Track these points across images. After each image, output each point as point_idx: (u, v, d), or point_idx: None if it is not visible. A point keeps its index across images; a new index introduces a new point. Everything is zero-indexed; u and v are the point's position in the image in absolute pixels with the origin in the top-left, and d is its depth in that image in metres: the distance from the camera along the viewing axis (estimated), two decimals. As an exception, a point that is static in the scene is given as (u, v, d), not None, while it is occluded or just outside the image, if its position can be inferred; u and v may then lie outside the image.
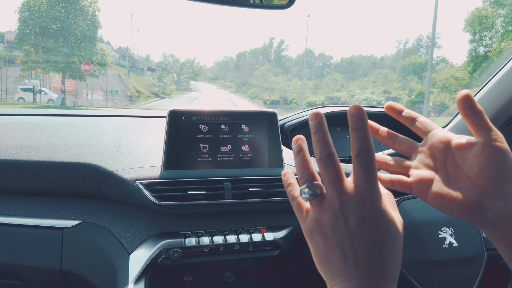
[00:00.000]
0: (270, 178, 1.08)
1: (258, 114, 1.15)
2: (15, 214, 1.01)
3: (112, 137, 1.17)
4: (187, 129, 1.08)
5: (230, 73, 72.56)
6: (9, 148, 1.06)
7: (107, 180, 1.02)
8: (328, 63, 71.42)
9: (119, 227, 1.02)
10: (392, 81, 37.73)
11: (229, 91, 64.27)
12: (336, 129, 1.41)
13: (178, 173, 1.03)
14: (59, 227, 1.01)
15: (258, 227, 1.08)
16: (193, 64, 66.02)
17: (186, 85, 56.80)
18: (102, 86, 33.65)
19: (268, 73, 55.37)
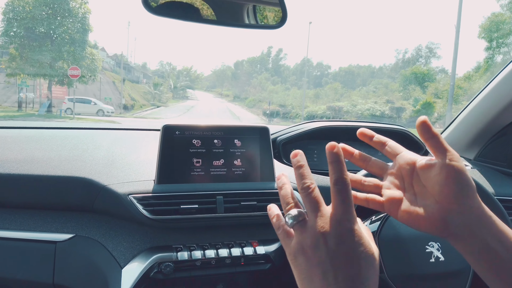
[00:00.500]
0: (262, 192, 1.11)
1: (251, 129, 1.18)
2: (8, 227, 1.02)
3: (106, 151, 1.18)
4: (180, 144, 1.10)
5: (227, 81, 71.93)
6: (4, 162, 1.06)
7: (101, 194, 1.04)
8: (326, 73, 70.67)
9: (112, 240, 1.03)
10: (393, 91, 37.15)
11: (226, 99, 64.17)
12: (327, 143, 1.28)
13: (171, 187, 1.06)
14: (52, 241, 1.01)
15: (250, 241, 1.09)
16: (190, 72, 65.04)
17: (182, 93, 56.13)
18: (96, 93, 32.86)
19: (266, 81, 54.62)
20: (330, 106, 29.59)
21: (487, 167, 1.53)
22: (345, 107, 28.86)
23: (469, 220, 0.47)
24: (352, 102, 30.56)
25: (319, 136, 1.45)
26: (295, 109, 36.38)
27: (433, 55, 52.10)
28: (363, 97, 35.52)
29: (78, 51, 20.46)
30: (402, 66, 50.93)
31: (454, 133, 1.62)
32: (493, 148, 1.54)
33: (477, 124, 1.46)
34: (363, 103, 29.49)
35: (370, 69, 64.83)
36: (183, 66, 74.14)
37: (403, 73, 38.02)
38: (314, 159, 1.46)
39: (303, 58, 71.84)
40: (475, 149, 1.56)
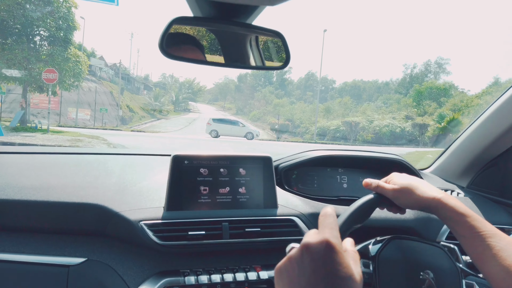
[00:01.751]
0: (265, 219, 1.17)
1: (254, 159, 1.25)
2: (23, 251, 1.07)
3: (117, 178, 1.25)
4: (188, 173, 1.17)
5: (230, 94, 70.38)
6: (21, 189, 1.13)
7: (113, 220, 1.09)
8: (331, 87, 67.91)
9: (123, 265, 1.08)
10: (406, 106, 35.67)
11: (229, 113, 63.40)
12: (327, 170, 1.50)
13: (180, 214, 1.12)
14: (65, 265, 1.06)
15: (253, 266, 1.14)
16: (193, 84, 63.20)
17: (184, 105, 54.71)
18: (91, 104, 31.03)
19: (270, 95, 52.60)
20: (345, 121, 26.70)
21: (479, 195, 1.54)
22: (361, 123, 25.96)
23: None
24: (367, 117, 27.58)
25: (319, 163, 1.48)
26: (304, 123, 33.49)
27: (443, 71, 49.89)
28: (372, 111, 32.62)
29: (58, 52, 17.09)
30: (410, 81, 49.90)
31: (448, 160, 1.66)
32: (485, 176, 1.56)
33: (470, 153, 1.55)
34: (380, 118, 26.65)
35: (377, 84, 62.44)
36: (186, 78, 72.18)
37: (417, 88, 35.67)
38: (314, 185, 1.48)
39: (308, 72, 70.56)
40: (468, 177, 1.60)
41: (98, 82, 34.06)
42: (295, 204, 1.27)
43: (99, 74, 36.10)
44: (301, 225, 1.20)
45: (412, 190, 0.85)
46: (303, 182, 1.47)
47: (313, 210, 1.26)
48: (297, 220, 1.21)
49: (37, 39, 17.97)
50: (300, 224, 1.20)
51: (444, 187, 1.58)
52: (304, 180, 1.47)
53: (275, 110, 45.27)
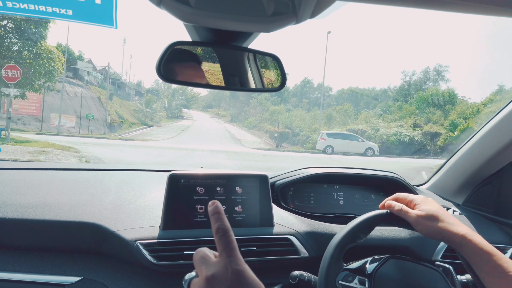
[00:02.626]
0: (261, 237, 1.19)
1: (251, 177, 1.27)
2: (18, 270, 1.08)
3: (114, 195, 1.26)
4: (185, 191, 1.19)
5: (224, 101, 68.32)
6: (17, 207, 1.14)
7: (109, 239, 1.10)
8: (327, 95, 66.47)
9: (118, 284, 1.09)
10: (410, 114, 34.06)
11: (223, 120, 62.69)
12: (323, 186, 1.52)
13: (176, 233, 1.13)
14: (60, 284, 1.07)
15: None
16: (186, 90, 60.19)
17: (177, 112, 53.10)
18: (76, 109, 29.17)
19: (266, 102, 50.46)
20: (351, 129, 24.76)
21: (474, 213, 1.57)
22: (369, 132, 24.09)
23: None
24: (372, 125, 25.77)
25: (316, 180, 1.50)
26: (304, 131, 31.50)
27: (442, 78, 48.88)
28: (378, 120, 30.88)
29: (26, 46, 14.77)
30: (409, 88, 49.21)
31: (445, 177, 1.69)
32: (480, 194, 1.59)
33: (466, 170, 1.57)
34: (386, 126, 24.75)
35: (374, 91, 60.79)
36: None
37: (420, 95, 33.81)
38: (311, 201, 1.50)
39: (304, 79, 69.45)
40: (463, 194, 1.64)
41: (86, 86, 32.01)
42: (291, 223, 1.28)
43: (87, 78, 33.92)
44: (297, 244, 1.21)
45: (438, 219, 0.85)
46: (300, 199, 1.48)
47: (309, 229, 1.26)
48: (293, 239, 1.21)
49: (1, 31, 15.41)
50: (296, 243, 1.21)
51: (440, 204, 1.51)
52: (301, 197, 1.48)
53: (272, 117, 43.77)
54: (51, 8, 2.46)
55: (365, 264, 0.96)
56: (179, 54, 0.96)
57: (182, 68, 0.99)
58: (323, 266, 0.90)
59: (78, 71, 34.24)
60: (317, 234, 1.27)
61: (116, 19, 2.45)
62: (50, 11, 2.48)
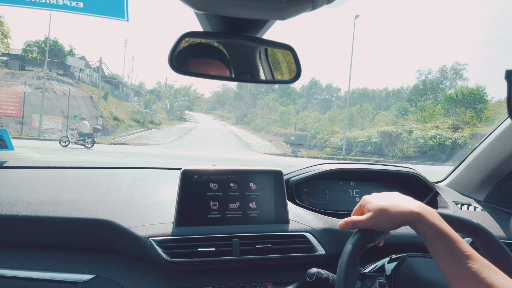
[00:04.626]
0: (276, 235, 1.19)
1: (265, 173, 1.27)
2: (31, 267, 1.11)
3: (126, 192, 1.28)
4: (198, 188, 1.19)
5: (229, 103, 65.32)
6: (30, 204, 1.16)
7: (122, 236, 1.12)
8: (336, 95, 62.64)
9: (131, 282, 1.11)
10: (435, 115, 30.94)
11: (228, 122, 61.01)
12: (339, 183, 1.53)
13: (189, 229, 1.14)
14: (73, 281, 1.08)
15: (264, 283, 1.16)
16: (189, 91, 56.85)
17: (180, 114, 50.53)
18: (64, 109, 25.75)
19: (274, 103, 47.20)
20: (382, 131, 21.07)
21: (496, 210, 1.56)
22: (403, 134, 20.29)
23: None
24: (403, 126, 22.07)
25: (330, 177, 1.51)
26: (320, 134, 27.65)
27: (459, 77, 44.97)
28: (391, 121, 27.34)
29: None
30: (424, 88, 46.23)
31: (464, 173, 1.68)
32: (502, 190, 1.57)
33: (487, 166, 1.54)
34: (420, 128, 20.96)
35: (386, 91, 57.40)
36: (182, 84, 66.84)
37: (445, 93, 30.38)
38: (326, 199, 1.50)
39: (311, 80, 66.51)
40: (485, 190, 1.62)
41: (76, 85, 28.54)
42: (307, 220, 1.27)
43: (79, 76, 30.17)
44: (313, 241, 1.20)
45: (387, 210, 0.84)
46: (315, 196, 1.48)
47: (326, 226, 1.26)
48: (309, 236, 1.21)
49: None
50: (312, 240, 1.20)
51: (460, 200, 1.56)
52: (316, 194, 1.48)
53: (281, 119, 40.72)
54: (62, 1, 2.25)
55: (383, 266, 0.97)
56: (191, 45, 0.97)
57: (194, 59, 0.99)
58: (339, 274, 0.87)
59: (69, 68, 30.66)
60: (334, 231, 1.25)
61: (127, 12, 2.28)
62: (61, 3, 2.25)
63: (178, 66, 0.90)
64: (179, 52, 0.90)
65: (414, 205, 0.82)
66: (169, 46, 0.87)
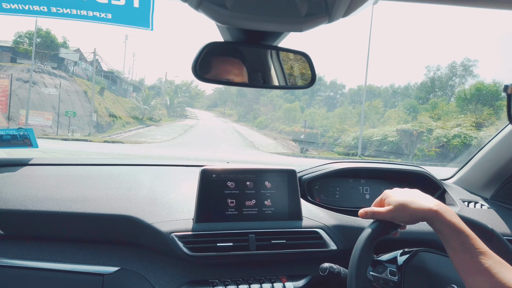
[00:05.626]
0: (290, 231, 1.25)
1: (280, 172, 1.33)
2: (60, 260, 1.18)
3: (147, 190, 1.35)
4: (216, 186, 1.26)
5: (231, 100, 63.89)
6: (59, 201, 1.23)
7: (145, 231, 1.19)
8: (341, 92, 60.93)
9: (154, 274, 1.17)
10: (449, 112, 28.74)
11: (230, 119, 59.53)
12: (349, 181, 1.57)
13: (208, 225, 1.21)
14: (100, 273, 1.15)
15: (279, 277, 1.22)
16: (190, 87, 55.09)
17: (180, 111, 49.18)
18: (55, 104, 23.82)
19: (278, 99, 45.18)
20: (402, 129, 19.38)
21: (503, 208, 1.61)
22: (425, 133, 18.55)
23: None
24: (421, 124, 20.37)
25: (341, 174, 1.56)
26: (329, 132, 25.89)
27: (469, 74, 42.83)
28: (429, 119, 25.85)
29: None
30: (432, 85, 44.60)
31: (472, 171, 1.73)
32: (510, 188, 1.60)
33: (495, 164, 1.57)
34: (441, 126, 19.17)
35: (393, 88, 55.40)
36: (182, 80, 64.62)
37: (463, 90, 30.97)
38: (336, 196, 1.56)
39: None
40: (491, 188, 1.68)
41: (70, 78, 26.64)
42: (319, 216, 1.33)
43: (73, 69, 28.29)
44: (325, 237, 1.26)
45: (407, 205, 0.88)
46: (326, 193, 1.54)
47: (337, 222, 1.33)
48: (321, 232, 1.27)
49: None
50: (324, 236, 1.26)
51: (467, 198, 1.62)
52: (327, 191, 1.54)
53: (286, 116, 39.36)
54: (92, 13, 2.34)
55: (395, 257, 1.01)
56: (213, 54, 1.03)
57: (215, 68, 1.05)
58: (354, 257, 0.94)
59: (63, 61, 28.80)
60: (345, 227, 1.31)
61: (153, 22, 2.39)
62: (91, 15, 2.34)
63: (201, 74, 0.98)
64: (202, 61, 0.96)
65: (432, 203, 0.87)
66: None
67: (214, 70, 1.03)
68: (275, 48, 1.02)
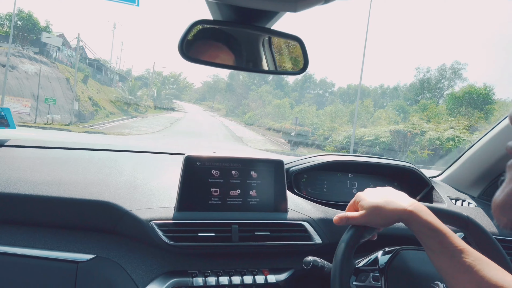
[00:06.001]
0: (275, 222, 1.23)
1: (267, 162, 1.30)
2: (33, 245, 1.14)
3: (128, 176, 1.30)
4: (200, 174, 1.22)
5: (220, 94, 62.80)
6: (33, 183, 1.18)
7: (123, 218, 1.15)
8: (330, 91, 60.77)
9: (131, 263, 1.14)
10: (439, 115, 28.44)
11: (218, 114, 59.60)
12: (337, 174, 1.55)
13: (190, 214, 1.17)
14: (74, 261, 1.11)
15: (261, 269, 1.21)
16: (179, 79, 53.93)
17: (167, 103, 47.90)
18: (34, 91, 22.65)
19: (268, 95, 44.52)
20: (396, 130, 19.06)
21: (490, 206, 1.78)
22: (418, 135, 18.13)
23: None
24: (414, 125, 20.01)
25: (329, 168, 1.54)
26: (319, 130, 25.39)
27: (458, 77, 43.07)
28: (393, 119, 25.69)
29: None
30: (421, 87, 44.79)
31: (460, 169, 1.74)
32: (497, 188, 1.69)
33: (483, 163, 1.58)
34: (433, 129, 18.79)
35: (382, 89, 55.60)
36: (171, 71, 63.41)
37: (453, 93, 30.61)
38: (324, 189, 1.54)
39: (305, 74, 61.49)
40: (479, 187, 1.69)
41: (52, 64, 25.28)
42: (305, 209, 1.31)
43: (55, 55, 26.95)
44: (310, 230, 1.24)
45: (380, 207, 0.85)
46: (313, 186, 1.51)
47: (323, 216, 1.31)
48: (307, 225, 1.24)
49: None
50: (309, 229, 1.24)
51: (455, 196, 1.62)
52: (314, 184, 1.51)
53: (276, 112, 38.82)
54: None
55: (376, 259, 0.99)
56: (201, 31, 0.98)
57: (203, 47, 0.99)
58: (335, 270, 0.91)
59: (46, 46, 27.41)
60: (331, 221, 1.26)
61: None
62: None
63: (187, 53, 0.92)
64: (189, 39, 0.91)
65: (407, 202, 0.84)
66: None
67: (202, 49, 0.97)
68: (267, 30, 0.95)
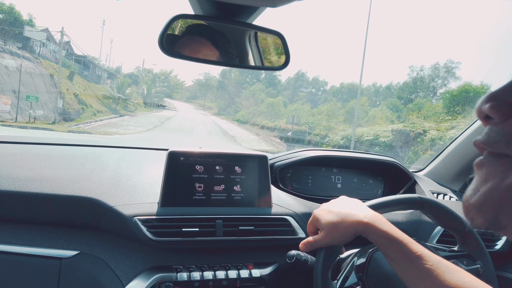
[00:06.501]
0: (259, 217, 1.24)
1: (251, 157, 1.31)
2: (15, 242, 1.14)
3: (112, 171, 1.30)
4: (184, 169, 1.22)
5: (211, 92, 61.62)
6: (15, 180, 1.17)
7: (107, 214, 1.15)
8: (322, 89, 60.18)
9: (115, 259, 1.14)
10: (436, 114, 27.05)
11: (210, 112, 58.96)
12: (322, 169, 1.57)
13: (174, 210, 1.17)
14: (57, 257, 1.11)
15: (246, 264, 1.22)
16: (169, 77, 52.68)
17: (158, 101, 47.72)
18: (15, 87, 21.33)
19: (260, 93, 43.38)
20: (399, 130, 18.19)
21: None
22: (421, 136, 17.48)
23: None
24: (413, 124, 19.23)
25: (314, 163, 1.55)
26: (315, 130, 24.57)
27: (452, 75, 42.26)
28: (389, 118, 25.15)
29: None
30: (414, 86, 43.77)
31: (442, 163, 1.77)
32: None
33: (464, 157, 1.61)
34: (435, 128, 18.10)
35: (375, 87, 55.01)
36: (161, 69, 62.15)
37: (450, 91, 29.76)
38: (309, 184, 1.55)
39: (297, 72, 63.48)
40: (460, 181, 1.74)
41: (35, 60, 23.90)
42: (289, 204, 1.32)
43: (39, 50, 25.59)
44: (294, 225, 1.26)
45: (337, 225, 0.85)
46: (298, 181, 1.53)
47: (307, 210, 1.33)
48: (291, 220, 1.26)
49: None
50: (293, 224, 1.26)
51: (436, 190, 1.65)
52: (299, 179, 1.53)
53: (269, 111, 37.98)
54: None
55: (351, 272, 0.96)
56: (182, 28, 0.97)
57: (184, 41, 0.98)
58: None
59: (29, 40, 25.99)
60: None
61: None
62: None
63: (168, 48, 0.90)
64: (170, 33, 0.90)
65: (362, 214, 0.84)
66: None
67: (184, 44, 0.95)
68: (248, 25, 0.95)
